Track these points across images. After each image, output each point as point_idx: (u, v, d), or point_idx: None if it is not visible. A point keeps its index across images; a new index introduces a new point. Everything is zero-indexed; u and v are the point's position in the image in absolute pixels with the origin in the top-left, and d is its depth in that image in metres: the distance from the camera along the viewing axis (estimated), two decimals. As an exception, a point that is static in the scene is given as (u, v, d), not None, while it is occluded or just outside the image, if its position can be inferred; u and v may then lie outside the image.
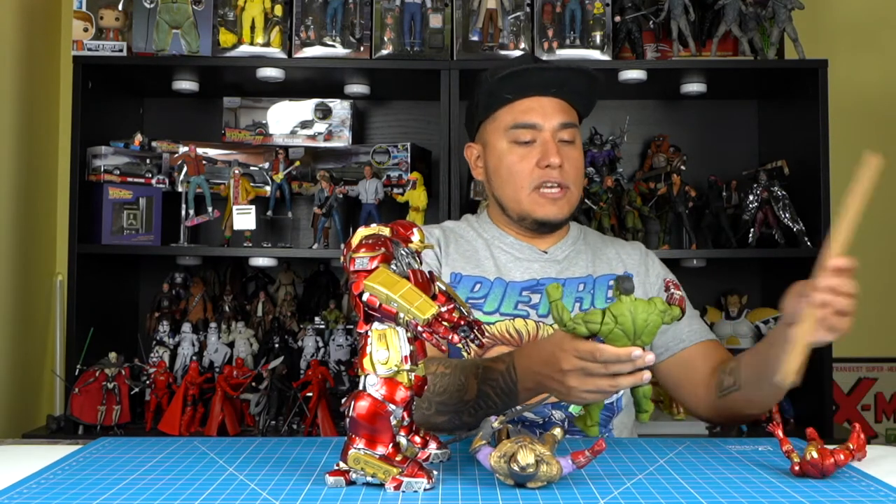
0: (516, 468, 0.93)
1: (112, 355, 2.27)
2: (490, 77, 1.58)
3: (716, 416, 1.53)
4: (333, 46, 2.38)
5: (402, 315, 0.93)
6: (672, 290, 1.15)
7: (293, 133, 2.58)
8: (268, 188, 2.48)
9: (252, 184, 2.46)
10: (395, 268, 0.98)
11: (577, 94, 1.60)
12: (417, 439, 1.05)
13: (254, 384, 2.28)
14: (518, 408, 1.27)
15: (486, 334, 1.50)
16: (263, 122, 2.58)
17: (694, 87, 2.48)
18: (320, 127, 2.58)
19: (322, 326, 2.50)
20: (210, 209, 2.38)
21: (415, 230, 1.04)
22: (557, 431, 1.10)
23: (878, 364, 2.79)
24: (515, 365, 1.27)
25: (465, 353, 1.41)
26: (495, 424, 1.05)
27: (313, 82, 2.51)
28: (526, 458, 0.93)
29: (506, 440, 0.97)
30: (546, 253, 1.61)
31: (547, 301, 1.54)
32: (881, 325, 2.76)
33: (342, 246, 1.02)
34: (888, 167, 3.28)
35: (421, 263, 1.05)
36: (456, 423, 1.36)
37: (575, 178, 1.57)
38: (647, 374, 1.10)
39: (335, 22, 2.38)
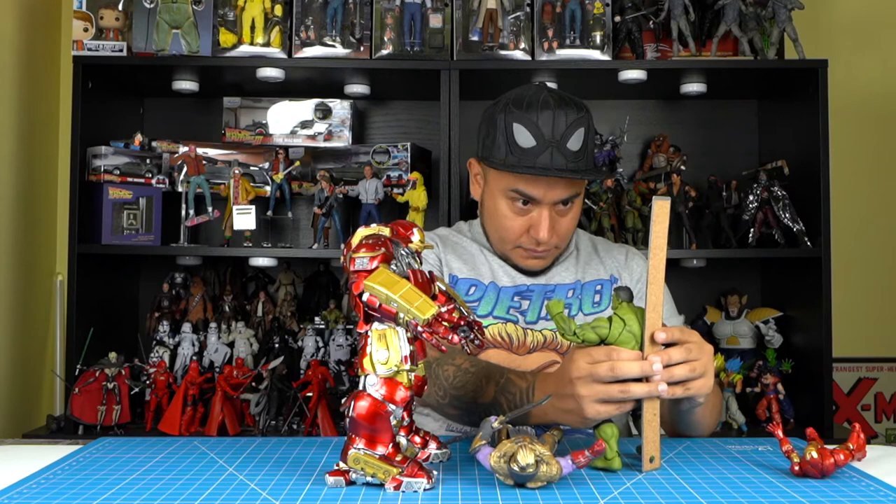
0: (516, 468, 0.93)
1: (112, 355, 2.27)
2: (506, 119, 1.48)
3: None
4: (333, 46, 2.38)
5: (402, 315, 0.93)
6: None
7: (293, 133, 2.58)
8: (268, 188, 2.48)
9: (252, 184, 2.46)
10: (395, 268, 0.98)
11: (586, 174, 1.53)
12: (417, 439, 1.05)
13: (254, 384, 2.28)
14: (518, 410, 1.27)
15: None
16: (263, 122, 2.58)
17: (694, 87, 2.48)
18: (320, 127, 2.58)
19: (322, 326, 2.50)
20: (210, 209, 2.38)
21: (415, 230, 1.04)
22: (557, 432, 1.10)
23: (878, 364, 2.79)
24: (535, 387, 1.26)
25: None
26: (495, 424, 1.05)
27: (313, 82, 2.51)
28: (526, 458, 0.93)
29: (506, 440, 0.97)
30: None
31: (536, 308, 1.55)
32: (881, 325, 2.76)
33: (342, 246, 1.02)
34: (887, 167, 3.28)
35: (421, 263, 1.05)
36: (465, 420, 1.37)
37: (562, 237, 1.55)
38: (663, 387, 1.06)
39: (335, 22, 2.38)
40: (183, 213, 2.39)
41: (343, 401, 0.99)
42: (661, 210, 1.05)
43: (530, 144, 1.46)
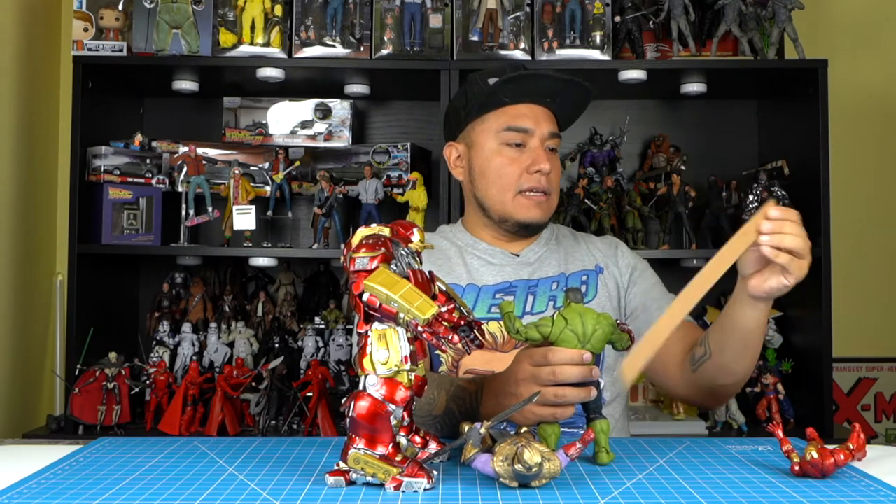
0: (523, 468, 0.92)
1: (112, 355, 2.27)
2: (481, 80, 1.60)
3: (692, 393, 1.49)
4: (333, 46, 2.38)
5: (402, 315, 0.93)
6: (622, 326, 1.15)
7: (293, 133, 2.58)
8: (268, 188, 2.48)
9: (252, 184, 2.46)
10: (395, 268, 0.98)
11: (567, 106, 1.63)
12: (417, 439, 1.05)
13: (254, 384, 2.28)
14: (505, 412, 1.27)
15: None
16: (263, 122, 2.58)
17: (694, 87, 2.48)
18: (320, 127, 2.58)
19: (322, 326, 2.50)
20: (210, 209, 2.38)
21: (415, 230, 1.04)
22: (524, 430, 1.09)
23: (878, 364, 2.79)
24: (483, 389, 1.29)
25: (443, 357, 1.41)
26: (482, 431, 1.04)
27: (313, 82, 2.51)
28: (534, 457, 0.92)
29: (504, 444, 0.96)
30: (518, 256, 1.63)
31: (520, 303, 1.55)
32: (881, 325, 2.76)
33: (342, 246, 1.02)
34: (887, 167, 3.29)
35: (421, 263, 1.05)
36: None
37: (556, 185, 1.62)
38: (594, 391, 1.11)
39: (335, 22, 2.38)
40: (183, 213, 2.39)
41: (343, 401, 0.99)
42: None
43: (505, 74, 1.58)
